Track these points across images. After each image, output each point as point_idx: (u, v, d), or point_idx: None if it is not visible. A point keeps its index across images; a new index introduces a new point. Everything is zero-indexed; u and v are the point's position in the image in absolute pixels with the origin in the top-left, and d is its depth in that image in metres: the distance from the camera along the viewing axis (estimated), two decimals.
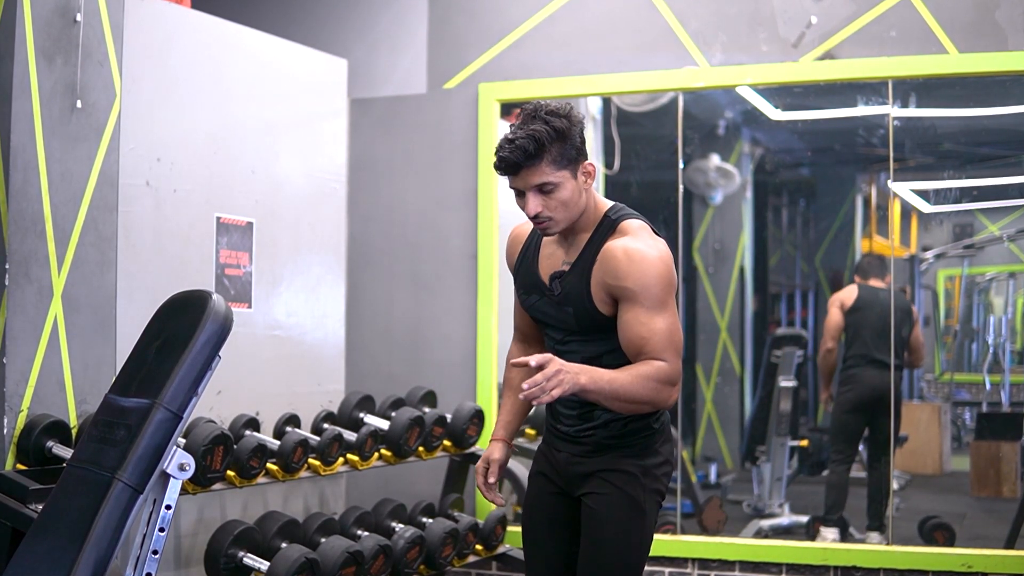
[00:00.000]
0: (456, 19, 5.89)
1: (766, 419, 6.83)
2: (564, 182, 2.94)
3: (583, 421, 3.10)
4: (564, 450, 3.16)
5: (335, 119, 5.31)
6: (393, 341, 5.86)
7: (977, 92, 5.56)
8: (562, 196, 2.94)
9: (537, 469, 3.27)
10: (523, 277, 3.17)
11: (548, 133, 2.90)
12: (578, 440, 3.12)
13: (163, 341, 3.00)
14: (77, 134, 4.03)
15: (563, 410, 3.14)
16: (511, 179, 2.96)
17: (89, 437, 3.00)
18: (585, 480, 3.11)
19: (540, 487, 3.25)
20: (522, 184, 2.94)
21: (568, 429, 3.15)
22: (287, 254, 4.96)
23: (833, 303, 6.35)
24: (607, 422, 3.07)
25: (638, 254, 2.94)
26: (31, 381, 3.85)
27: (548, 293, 3.08)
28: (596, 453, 3.10)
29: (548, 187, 2.93)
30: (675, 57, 5.48)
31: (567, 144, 2.94)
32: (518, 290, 3.21)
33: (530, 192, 2.94)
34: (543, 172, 2.91)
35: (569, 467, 3.14)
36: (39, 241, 3.88)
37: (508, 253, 3.26)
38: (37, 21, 3.87)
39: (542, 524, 3.23)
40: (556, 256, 3.10)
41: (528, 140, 2.89)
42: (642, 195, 6.84)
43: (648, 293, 2.91)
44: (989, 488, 6.44)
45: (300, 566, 4.06)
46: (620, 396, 2.86)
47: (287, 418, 4.74)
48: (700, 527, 6.10)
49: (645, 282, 2.92)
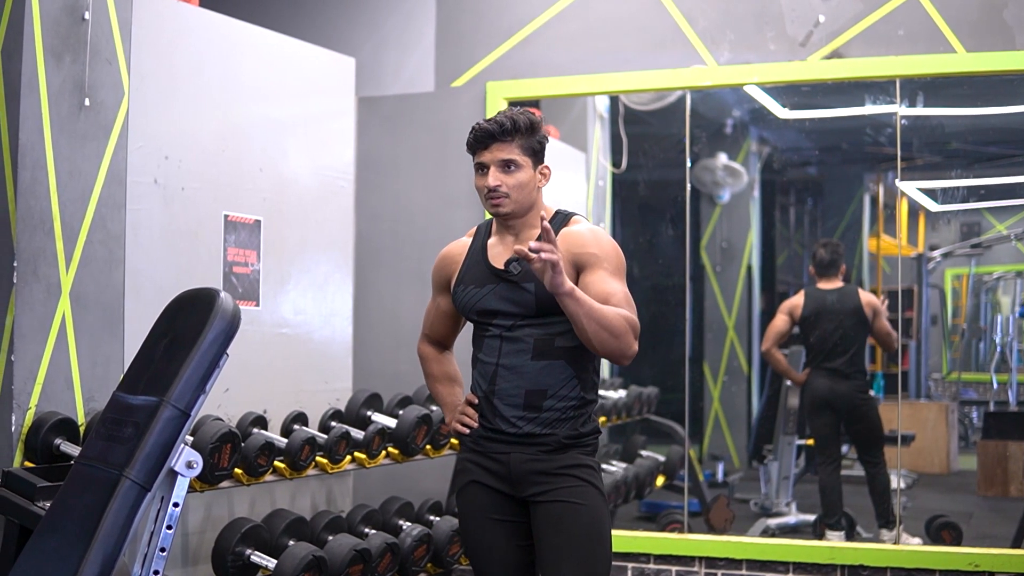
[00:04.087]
0: (464, 18, 5.89)
1: (773, 418, 6.83)
2: (525, 167, 3.21)
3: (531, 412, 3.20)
4: (514, 452, 3.23)
5: (343, 117, 5.31)
6: (400, 339, 5.86)
7: (985, 91, 5.55)
8: (520, 178, 3.20)
9: (468, 480, 3.33)
10: (469, 275, 3.33)
11: (523, 120, 3.21)
12: (533, 441, 3.22)
13: (171, 339, 3.00)
14: (85, 132, 4.04)
15: (507, 406, 3.23)
16: (479, 153, 3.23)
17: (97, 435, 3.00)
18: (544, 478, 3.21)
19: (478, 495, 3.31)
20: (489, 158, 3.21)
21: (515, 430, 3.23)
22: (295, 252, 4.96)
23: (782, 310, 6.50)
24: (557, 419, 3.20)
25: (601, 232, 3.31)
26: (39, 378, 3.85)
27: (506, 276, 3.23)
28: (557, 452, 3.22)
29: (511, 165, 3.20)
30: (683, 56, 5.48)
31: (534, 138, 3.23)
32: (457, 288, 3.36)
33: (493, 166, 3.20)
34: (511, 150, 3.20)
35: (523, 466, 3.22)
36: (47, 239, 3.89)
37: (440, 267, 3.47)
38: (45, 19, 3.88)
39: (492, 529, 3.28)
40: (507, 252, 3.28)
41: (506, 119, 3.20)
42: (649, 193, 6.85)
43: (610, 260, 3.18)
44: (996, 487, 6.43)
45: (307, 564, 4.07)
46: (597, 316, 3.03)
47: (294, 416, 4.74)
48: (707, 526, 6.10)
49: (608, 251, 3.20)
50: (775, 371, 6.72)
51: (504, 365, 3.23)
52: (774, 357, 6.51)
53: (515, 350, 3.22)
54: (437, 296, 3.50)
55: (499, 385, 3.23)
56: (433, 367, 3.59)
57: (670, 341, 6.42)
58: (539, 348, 3.19)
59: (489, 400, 3.26)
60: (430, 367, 3.59)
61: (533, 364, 3.20)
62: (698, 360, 7.62)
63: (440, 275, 3.46)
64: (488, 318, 3.27)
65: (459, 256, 3.40)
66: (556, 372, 3.20)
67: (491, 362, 3.25)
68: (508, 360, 3.22)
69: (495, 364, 3.24)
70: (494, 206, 3.23)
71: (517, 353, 3.21)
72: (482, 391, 3.28)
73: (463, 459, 3.37)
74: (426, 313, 3.57)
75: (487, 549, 3.29)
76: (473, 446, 3.32)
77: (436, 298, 3.51)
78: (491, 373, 3.25)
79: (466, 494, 3.33)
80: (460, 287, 3.34)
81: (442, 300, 3.49)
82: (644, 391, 6.60)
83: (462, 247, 3.42)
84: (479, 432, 3.30)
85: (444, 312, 3.50)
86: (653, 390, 6.68)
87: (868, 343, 6.29)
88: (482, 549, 3.30)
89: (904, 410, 6.64)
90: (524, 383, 3.20)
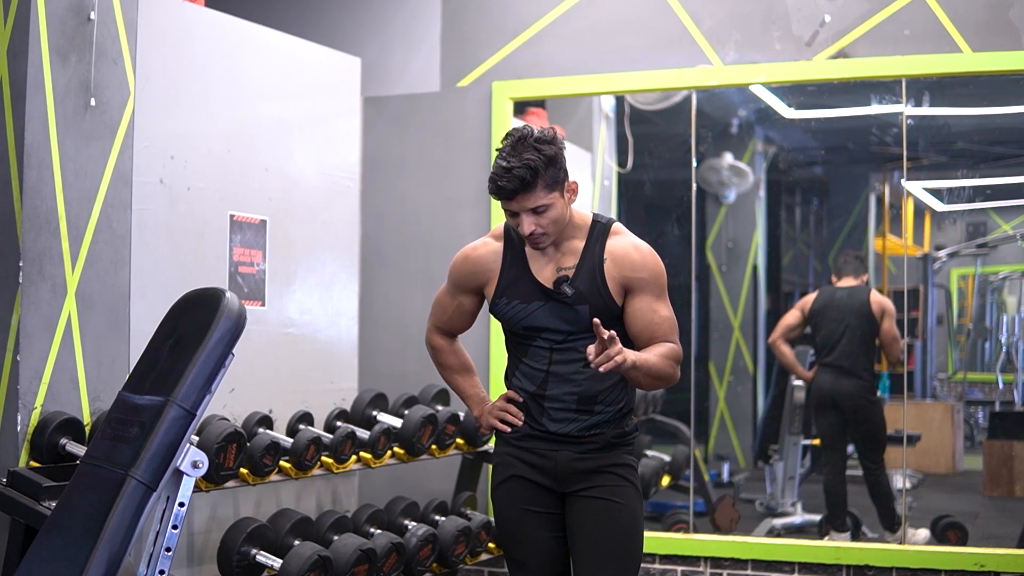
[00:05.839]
0: (469, 17, 5.89)
1: (779, 418, 6.82)
2: (555, 202, 3.17)
3: (583, 416, 3.27)
4: (563, 450, 3.29)
5: (348, 117, 5.31)
6: (406, 339, 5.86)
7: (991, 91, 5.55)
8: (553, 215, 3.17)
9: (508, 474, 3.37)
10: (512, 289, 3.31)
11: (541, 160, 3.11)
12: (580, 440, 3.28)
13: (177, 339, 3.00)
14: (91, 132, 4.04)
15: (557, 409, 3.28)
16: (506, 203, 3.17)
17: (102, 434, 3.01)
18: (589, 476, 3.28)
19: (519, 488, 3.35)
20: (517, 207, 3.15)
21: (564, 429, 3.28)
22: (300, 252, 4.96)
23: (796, 305, 6.56)
24: (606, 420, 3.28)
25: (646, 249, 3.29)
26: (45, 378, 3.86)
27: (557, 297, 3.23)
28: (603, 450, 3.29)
29: (541, 208, 3.15)
30: (689, 56, 5.47)
31: (556, 168, 3.15)
32: (499, 301, 3.33)
33: (524, 214, 3.16)
34: (537, 197, 3.13)
35: (571, 464, 3.28)
36: (53, 239, 3.89)
37: (470, 272, 3.41)
38: (51, 19, 3.88)
39: (530, 521, 3.33)
40: (550, 265, 3.28)
41: (524, 169, 3.09)
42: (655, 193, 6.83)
43: (658, 282, 3.25)
44: (1002, 487, 6.42)
45: (313, 564, 4.07)
46: (652, 373, 3.14)
47: (300, 416, 4.75)
48: (713, 526, 6.10)
49: (655, 273, 3.25)
50: (780, 365, 6.70)
51: (555, 373, 3.27)
52: (779, 349, 6.50)
53: (566, 359, 3.27)
54: (459, 295, 3.46)
55: (550, 391, 3.28)
56: (449, 358, 3.58)
57: None
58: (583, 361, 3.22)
59: (538, 403, 3.30)
60: (446, 358, 3.58)
61: (585, 371, 3.23)
62: (704, 360, 7.61)
63: (469, 279, 3.41)
64: (536, 332, 3.29)
65: (492, 264, 3.36)
66: (606, 378, 3.24)
67: (540, 368, 3.29)
68: (559, 368, 3.27)
69: (545, 371, 3.28)
70: (535, 245, 3.23)
71: (568, 363, 3.26)
72: (528, 393, 3.31)
73: (503, 453, 3.39)
74: (437, 304, 3.53)
75: (525, 539, 3.34)
76: (517, 443, 3.35)
77: (458, 296, 3.46)
78: (541, 379, 3.29)
79: (506, 487, 3.37)
80: (503, 300, 3.32)
81: (466, 300, 3.46)
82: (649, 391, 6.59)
83: (494, 253, 3.37)
84: (524, 430, 3.33)
85: (466, 311, 3.49)
86: (658, 390, 6.68)
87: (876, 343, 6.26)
88: (520, 539, 3.35)
89: (909, 410, 6.63)
90: (576, 389, 3.26)
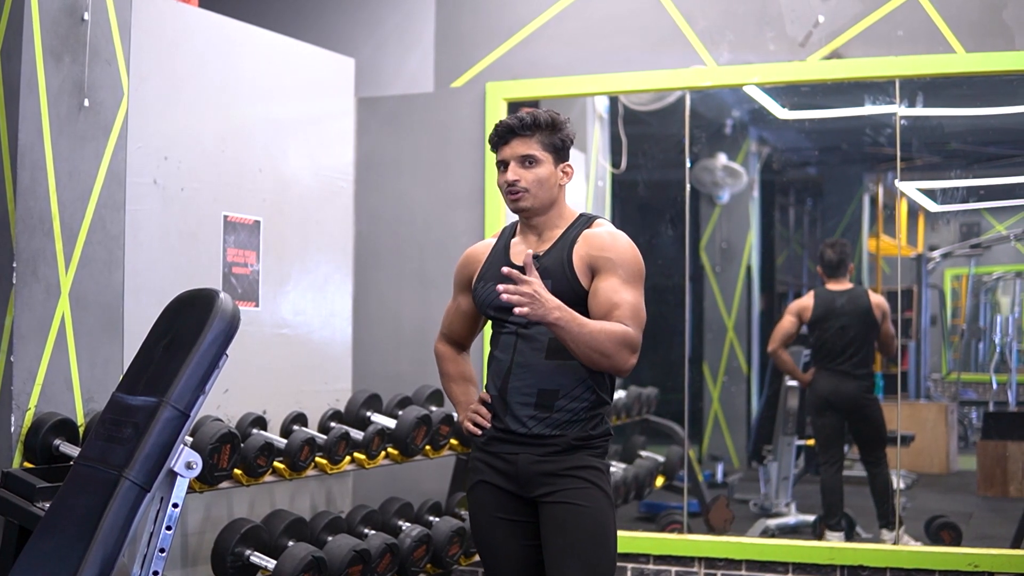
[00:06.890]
0: (463, 18, 5.89)
1: (773, 418, 6.82)
2: (545, 162, 3.25)
3: (543, 412, 3.22)
4: (522, 452, 3.26)
5: (342, 118, 5.31)
6: (400, 340, 5.86)
7: (984, 91, 5.55)
8: (540, 173, 3.24)
9: (477, 480, 3.36)
10: (489, 272, 3.35)
11: (544, 117, 3.26)
12: (543, 442, 3.24)
13: (170, 339, 3.00)
14: (84, 133, 4.04)
15: (518, 404, 3.25)
16: (500, 150, 3.27)
17: (96, 435, 3.00)
18: (551, 479, 3.23)
19: (486, 494, 3.34)
20: (509, 153, 3.25)
21: (526, 430, 3.25)
22: (294, 253, 4.96)
23: (790, 311, 6.49)
24: (568, 421, 3.22)
25: (621, 236, 3.27)
26: (38, 379, 3.85)
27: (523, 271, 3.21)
28: (565, 453, 3.23)
29: (531, 160, 3.23)
30: (682, 56, 5.48)
31: (556, 135, 3.27)
32: (477, 285, 3.39)
33: (513, 161, 3.25)
34: (531, 145, 3.24)
35: (531, 467, 3.24)
36: (46, 240, 3.89)
37: (463, 267, 3.50)
38: (45, 20, 3.88)
39: (501, 528, 3.31)
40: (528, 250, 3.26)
41: (527, 115, 3.25)
42: (649, 194, 6.84)
43: (626, 267, 3.19)
44: (996, 487, 6.43)
45: (307, 564, 4.07)
46: (586, 340, 3.06)
47: (294, 416, 4.74)
48: (707, 526, 6.10)
49: (624, 257, 3.21)
50: (782, 372, 6.70)
51: (518, 363, 3.25)
52: (781, 358, 6.50)
53: (530, 348, 3.24)
54: (458, 295, 3.52)
55: (512, 383, 3.25)
56: (449, 367, 3.59)
57: (669, 341, 6.41)
58: (553, 347, 3.21)
59: (502, 398, 3.28)
60: (446, 366, 3.59)
61: (547, 363, 3.22)
62: (697, 360, 7.61)
63: (462, 274, 3.49)
64: (504, 314, 3.26)
65: (482, 256, 3.43)
66: (569, 373, 3.21)
67: (506, 359, 3.28)
68: (522, 358, 3.25)
69: (510, 361, 3.26)
70: (513, 200, 3.26)
71: (532, 351, 3.24)
72: (495, 388, 3.30)
73: (474, 458, 3.39)
74: (446, 312, 3.59)
75: (496, 548, 3.32)
76: (483, 446, 3.34)
77: (457, 297, 3.53)
78: (505, 370, 3.27)
79: (475, 493, 3.36)
80: (480, 284, 3.37)
81: (463, 300, 3.51)
82: (643, 391, 6.60)
83: (486, 247, 3.45)
84: (490, 432, 3.32)
85: (464, 312, 3.52)
86: (652, 390, 6.69)
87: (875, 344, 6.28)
88: (491, 548, 3.33)
89: (903, 410, 6.63)
90: (537, 381, 3.23)
